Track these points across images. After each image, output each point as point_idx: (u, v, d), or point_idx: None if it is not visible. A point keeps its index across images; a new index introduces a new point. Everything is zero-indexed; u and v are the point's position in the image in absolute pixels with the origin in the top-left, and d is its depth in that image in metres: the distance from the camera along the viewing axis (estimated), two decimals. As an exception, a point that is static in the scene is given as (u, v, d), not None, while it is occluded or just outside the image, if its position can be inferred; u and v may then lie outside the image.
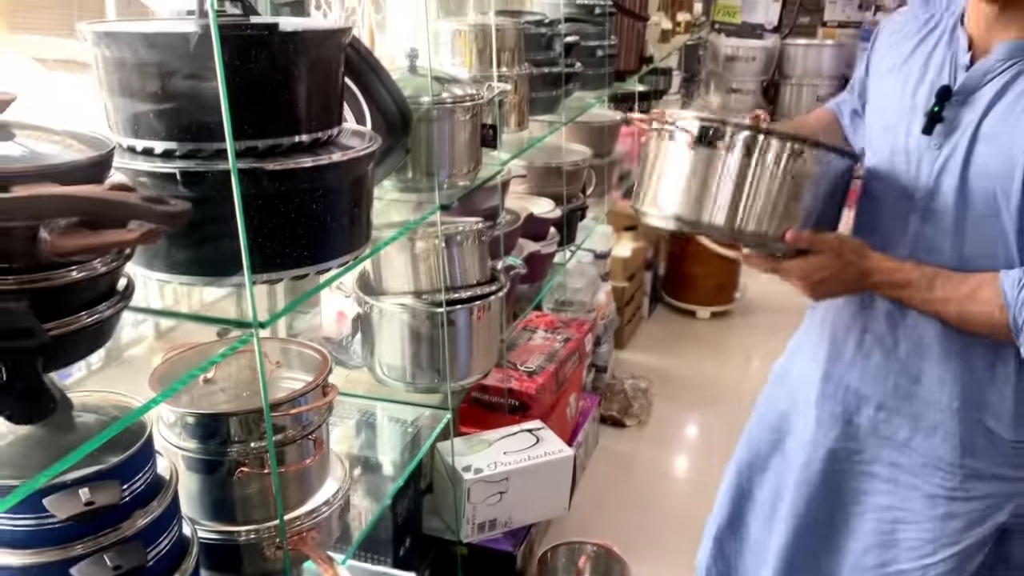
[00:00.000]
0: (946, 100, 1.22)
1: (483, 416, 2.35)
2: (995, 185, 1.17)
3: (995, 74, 1.18)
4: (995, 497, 1.30)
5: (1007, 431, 1.27)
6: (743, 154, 1.23)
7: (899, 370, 1.35)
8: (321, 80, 1.28)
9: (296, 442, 1.36)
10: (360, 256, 1.42)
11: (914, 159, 1.27)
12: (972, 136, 1.20)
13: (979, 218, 1.20)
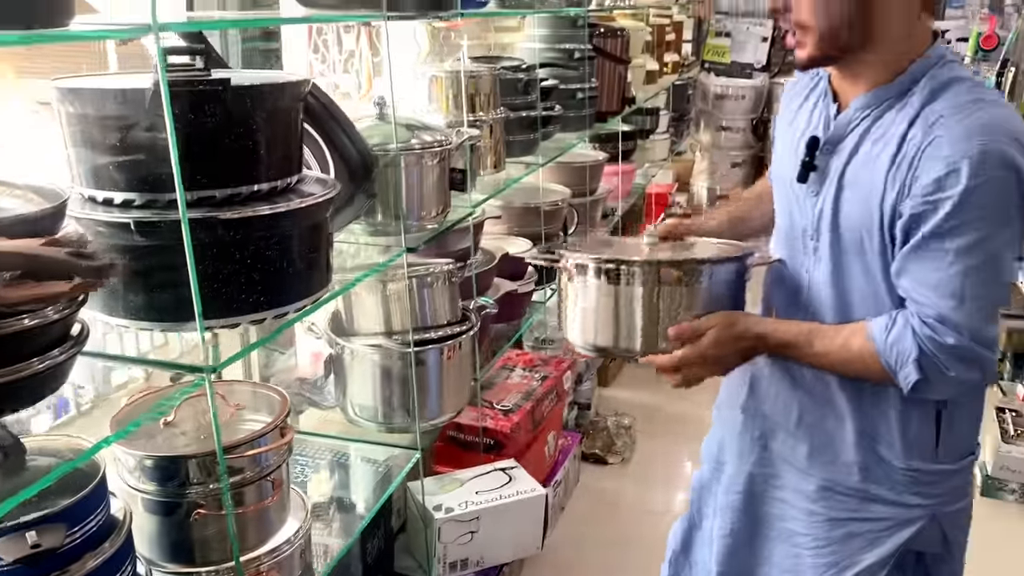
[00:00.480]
0: (816, 150, 1.29)
1: (458, 455, 2.36)
2: (860, 228, 1.24)
3: (855, 124, 1.26)
4: (894, 519, 1.34)
5: (898, 459, 1.32)
6: (639, 284, 1.33)
7: (804, 400, 1.40)
8: (277, 131, 1.33)
9: (254, 483, 1.38)
10: (319, 300, 1.45)
11: (798, 206, 1.36)
12: (838, 183, 1.27)
13: (852, 258, 1.27)
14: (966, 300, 1.14)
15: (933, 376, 1.18)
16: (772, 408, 1.46)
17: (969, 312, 1.15)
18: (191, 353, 1.44)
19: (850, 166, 1.26)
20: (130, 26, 1.06)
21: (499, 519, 2.04)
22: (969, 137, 1.11)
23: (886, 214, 1.20)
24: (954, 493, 1.35)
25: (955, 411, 1.31)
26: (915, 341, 1.17)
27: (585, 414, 3.32)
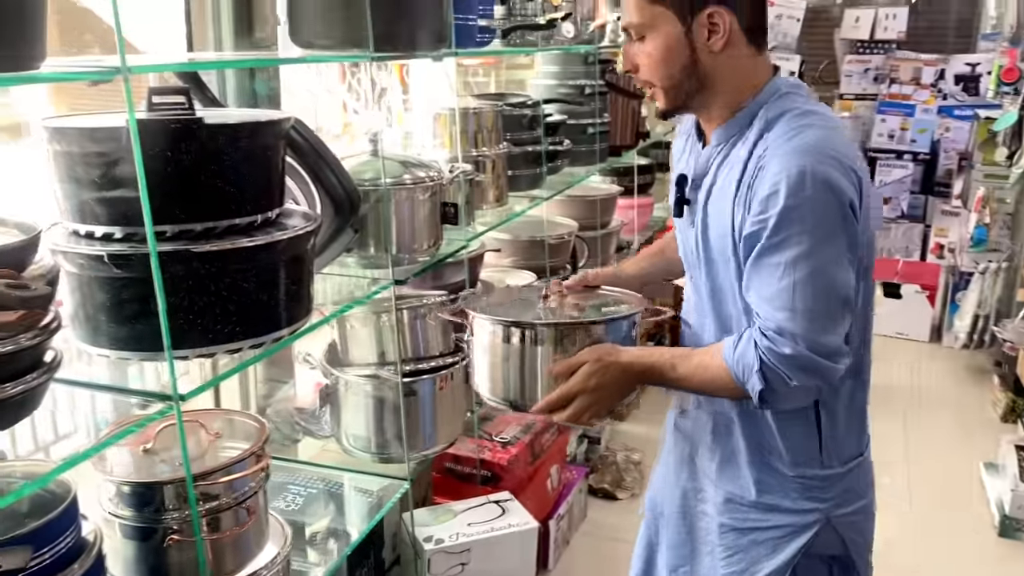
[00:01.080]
0: (686, 186, 1.40)
1: (456, 486, 2.37)
2: (723, 253, 1.33)
3: (713, 158, 1.35)
4: (792, 526, 1.38)
5: (787, 467, 1.37)
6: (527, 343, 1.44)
7: (713, 418, 1.45)
8: (254, 167, 1.37)
9: (229, 509, 1.41)
10: (298, 330, 1.49)
11: (682, 238, 1.47)
12: (704, 214, 1.36)
13: (723, 283, 1.36)
14: (798, 311, 1.20)
15: (777, 385, 1.23)
16: (694, 424, 1.51)
17: (802, 322, 1.20)
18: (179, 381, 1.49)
19: (711, 197, 1.34)
20: (101, 68, 1.11)
21: (490, 551, 2.04)
22: (790, 159, 1.20)
23: (736, 238, 1.28)
24: (846, 496, 1.39)
25: (834, 416, 1.36)
26: (757, 353, 1.23)
27: (595, 448, 3.31)
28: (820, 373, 1.22)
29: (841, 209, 1.20)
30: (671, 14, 1.27)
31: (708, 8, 1.26)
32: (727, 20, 1.27)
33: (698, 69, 1.29)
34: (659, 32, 1.29)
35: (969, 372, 4.35)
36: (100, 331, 1.33)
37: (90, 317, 1.32)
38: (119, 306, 1.30)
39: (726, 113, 1.33)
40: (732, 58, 1.30)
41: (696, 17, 1.27)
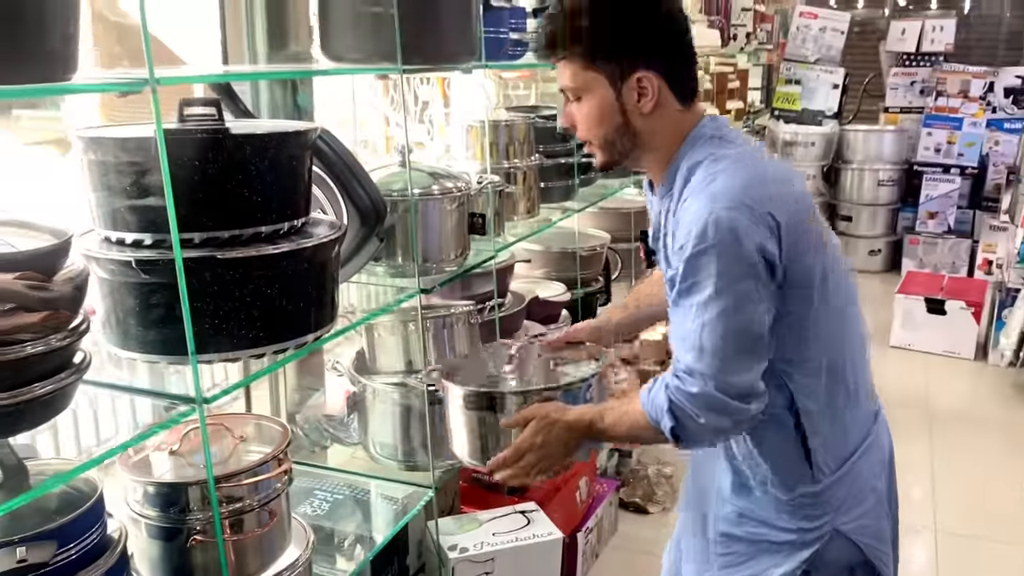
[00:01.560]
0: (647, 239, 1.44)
1: (483, 496, 2.38)
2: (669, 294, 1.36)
3: (661, 211, 1.40)
4: (792, 543, 1.38)
5: (779, 492, 1.38)
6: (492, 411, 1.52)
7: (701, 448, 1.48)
8: (279, 177, 1.40)
9: (251, 512, 1.44)
10: (321, 337, 1.52)
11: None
12: (666, 259, 1.40)
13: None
14: (706, 351, 1.24)
15: (687, 423, 1.27)
16: (692, 453, 1.56)
17: (710, 362, 1.24)
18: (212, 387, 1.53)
19: (667, 247, 1.39)
20: (129, 80, 1.15)
21: (515, 561, 2.04)
22: (699, 208, 1.24)
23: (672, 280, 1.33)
24: (845, 503, 1.37)
25: (814, 420, 1.34)
26: (667, 394, 1.28)
27: (626, 462, 3.29)
28: (728, 412, 1.26)
29: (748, 255, 1.22)
30: (603, 79, 1.32)
31: (637, 73, 1.30)
32: (655, 83, 1.31)
33: (630, 129, 1.34)
34: (593, 95, 1.34)
35: (1016, 391, 4.24)
36: (129, 335, 1.37)
37: (120, 321, 1.37)
38: (147, 311, 1.34)
39: (662, 167, 1.38)
40: (663, 117, 1.34)
41: (626, 81, 1.31)
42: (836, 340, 1.36)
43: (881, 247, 6.25)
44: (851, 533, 1.37)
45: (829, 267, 1.32)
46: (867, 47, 7.24)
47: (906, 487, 3.26)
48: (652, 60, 1.31)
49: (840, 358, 1.37)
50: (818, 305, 1.30)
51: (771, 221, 1.23)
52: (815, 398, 1.34)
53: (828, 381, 1.34)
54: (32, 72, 1.03)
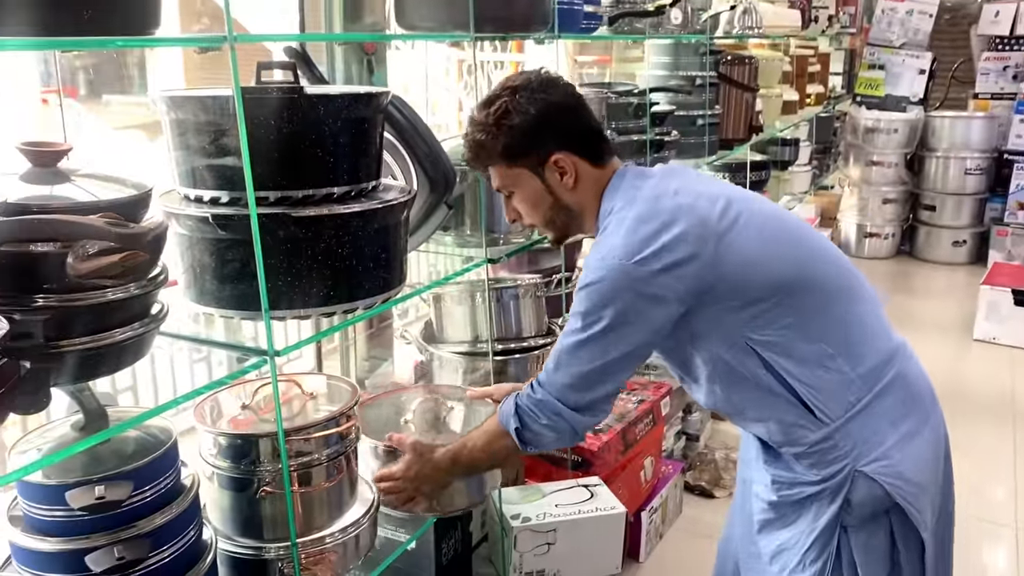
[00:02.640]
0: None
1: (548, 470, 2.38)
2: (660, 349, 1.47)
3: None
4: (818, 493, 1.41)
5: (798, 446, 1.41)
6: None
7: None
8: (351, 139, 1.43)
9: (317, 466, 1.47)
10: (390, 299, 1.54)
11: None
12: None
13: (685, 378, 1.50)
14: (560, 367, 1.40)
15: (529, 422, 1.43)
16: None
17: (559, 376, 1.40)
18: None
19: None
20: (209, 37, 1.18)
21: (576, 533, 2.04)
22: (595, 255, 1.37)
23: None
24: (864, 446, 1.38)
25: (800, 378, 1.36)
26: (515, 400, 1.46)
27: (693, 445, 3.25)
28: (564, 419, 1.41)
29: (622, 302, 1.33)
30: (526, 171, 1.46)
31: (552, 157, 1.43)
32: (571, 159, 1.44)
33: (562, 205, 1.48)
34: (523, 188, 1.48)
35: (1108, 388, 4.05)
36: (205, 290, 1.41)
37: (197, 277, 1.41)
38: (223, 266, 1.38)
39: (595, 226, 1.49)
40: (586, 186, 1.46)
41: (545, 167, 1.45)
42: (803, 307, 1.37)
43: (966, 238, 6.02)
44: (873, 473, 1.37)
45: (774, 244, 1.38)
46: (956, 31, 6.96)
47: (989, 484, 3.16)
48: (560, 142, 1.44)
49: (811, 320, 1.38)
50: (769, 290, 1.35)
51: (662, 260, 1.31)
52: (788, 356, 1.36)
53: (801, 339, 1.36)
54: (114, 24, 1.07)
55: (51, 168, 1.18)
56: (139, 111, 6.38)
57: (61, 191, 1.17)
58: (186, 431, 1.47)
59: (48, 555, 1.18)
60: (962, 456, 1.68)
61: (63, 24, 1.03)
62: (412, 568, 1.95)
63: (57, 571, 1.19)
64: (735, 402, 1.44)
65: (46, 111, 4.24)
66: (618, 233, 1.35)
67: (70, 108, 3.93)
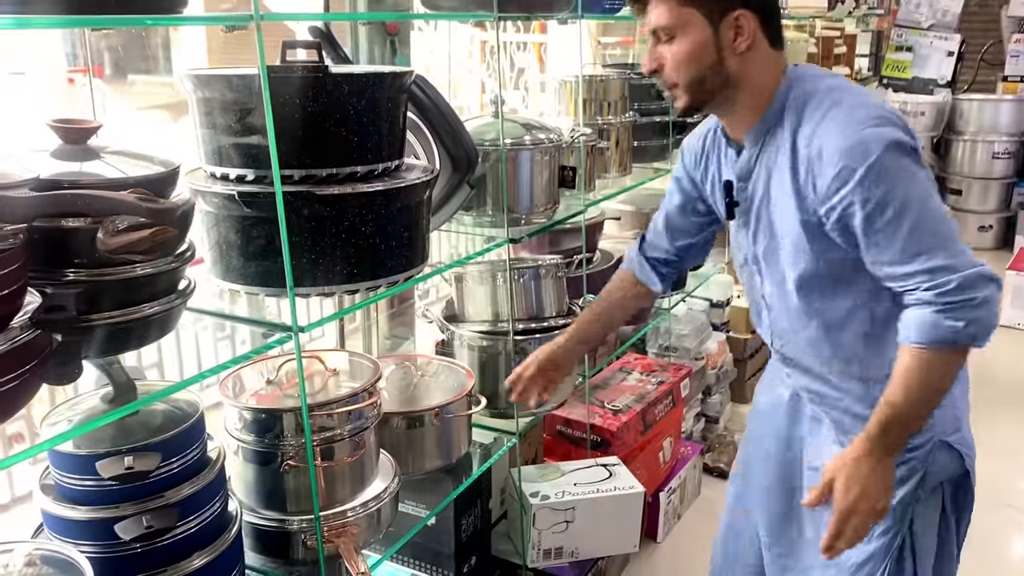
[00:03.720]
0: (732, 190, 1.47)
1: (567, 449, 2.40)
2: (785, 242, 1.38)
3: (753, 158, 1.40)
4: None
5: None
6: None
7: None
8: (376, 118, 1.44)
9: (340, 441, 1.49)
10: (412, 277, 1.56)
11: (738, 240, 1.53)
12: (758, 210, 1.43)
13: (787, 270, 1.41)
14: (923, 251, 1.24)
15: (973, 312, 1.22)
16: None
17: (941, 254, 1.23)
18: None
19: (763, 194, 1.40)
20: (235, 15, 1.20)
21: (595, 512, 2.06)
22: (841, 133, 1.26)
23: (802, 222, 1.34)
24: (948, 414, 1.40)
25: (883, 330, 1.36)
26: (932, 309, 1.24)
27: (713, 427, 3.26)
28: (985, 278, 1.23)
29: (907, 153, 1.25)
30: (700, 16, 1.32)
31: (735, 11, 1.31)
32: (752, 23, 1.32)
33: (723, 69, 1.34)
34: (688, 33, 1.33)
35: None
36: (231, 267, 1.43)
37: (223, 254, 1.43)
38: (248, 243, 1.40)
39: (754, 112, 1.38)
40: (754, 59, 1.35)
41: (723, 20, 1.31)
42: None
43: (992, 223, 5.95)
44: (955, 443, 1.41)
45: None
46: (986, 13, 6.85)
47: (1015, 472, 3.13)
48: (748, 1, 1.31)
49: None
50: None
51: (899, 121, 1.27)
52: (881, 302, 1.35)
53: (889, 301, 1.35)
54: (139, 3, 1.08)
55: (81, 145, 1.20)
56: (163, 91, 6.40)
57: (90, 168, 1.19)
58: (211, 406, 1.50)
59: (79, 523, 1.22)
60: (987, 442, 1.68)
61: (90, 3, 1.05)
62: (432, 543, 1.98)
63: (87, 539, 1.22)
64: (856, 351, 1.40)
65: (72, 90, 4.28)
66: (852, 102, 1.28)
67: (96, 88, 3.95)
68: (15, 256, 0.95)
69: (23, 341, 0.95)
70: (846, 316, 1.39)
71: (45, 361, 0.99)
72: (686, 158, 1.61)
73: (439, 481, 1.87)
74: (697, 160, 1.58)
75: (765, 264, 1.45)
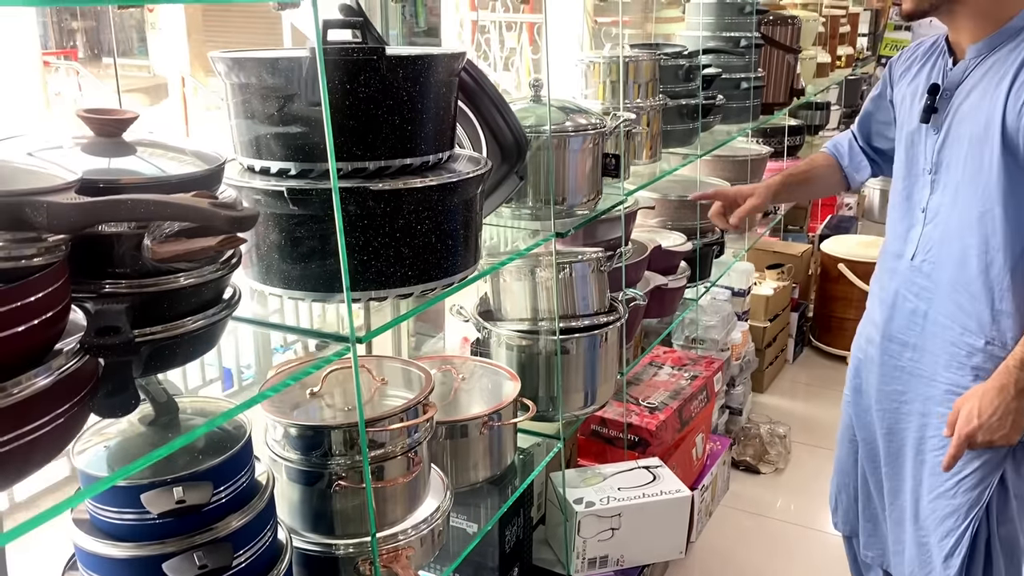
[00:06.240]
0: (936, 95, 1.56)
1: (602, 449, 2.30)
2: (981, 152, 1.48)
3: (971, 69, 1.52)
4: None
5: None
6: None
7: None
8: (430, 105, 1.31)
9: (394, 458, 1.37)
10: (467, 278, 1.43)
11: (921, 147, 1.62)
12: (953, 119, 1.53)
13: (969, 181, 1.51)
14: None
15: None
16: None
17: None
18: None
19: (967, 102, 1.51)
20: (288, -8, 1.06)
21: (642, 518, 1.96)
22: None
23: (1009, 137, 1.44)
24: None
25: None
26: None
27: (736, 419, 3.17)
28: None
29: None
30: None
31: None
32: None
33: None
34: None
35: None
36: (272, 270, 1.30)
37: (263, 256, 1.30)
38: (293, 244, 1.27)
39: (984, 26, 1.48)
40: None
41: None
42: None
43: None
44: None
45: None
46: (984, -10, 6.77)
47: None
48: None
49: None
50: None
51: None
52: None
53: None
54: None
55: (116, 139, 1.07)
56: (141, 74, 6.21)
57: (126, 164, 1.06)
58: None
59: (120, 561, 1.09)
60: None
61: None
62: (476, 555, 1.87)
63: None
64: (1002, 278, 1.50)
65: (47, 73, 4.05)
66: None
67: (72, 69, 3.79)
68: (58, 272, 0.82)
69: (70, 371, 0.82)
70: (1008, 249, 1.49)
71: (95, 390, 0.86)
72: (894, 70, 1.75)
73: (484, 492, 1.75)
74: (913, 64, 1.68)
75: (942, 174, 1.56)
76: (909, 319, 1.67)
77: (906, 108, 1.66)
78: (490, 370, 1.85)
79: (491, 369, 1.85)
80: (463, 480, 1.68)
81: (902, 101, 1.68)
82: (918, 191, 1.62)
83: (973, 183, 1.50)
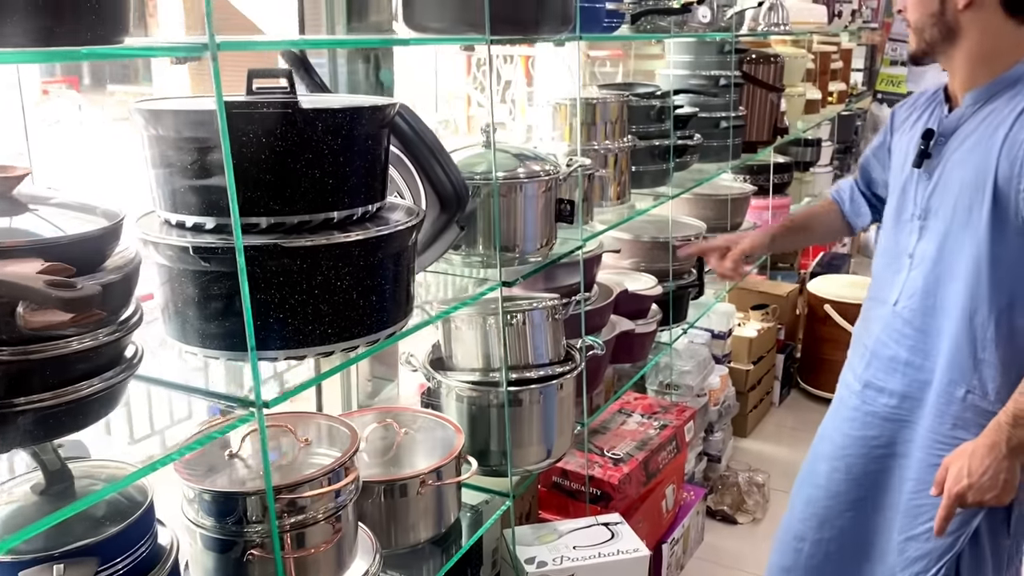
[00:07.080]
0: (930, 140, 1.55)
1: (563, 503, 2.23)
2: (970, 202, 1.46)
3: (966, 117, 1.51)
4: None
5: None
6: None
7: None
8: (354, 157, 1.26)
9: (315, 524, 1.31)
10: (396, 333, 1.38)
11: (910, 193, 1.61)
12: (945, 167, 1.52)
13: (958, 231, 1.49)
14: None
15: None
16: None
17: None
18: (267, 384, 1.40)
19: (960, 151, 1.50)
20: (187, 45, 1.02)
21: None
22: None
23: (1000, 188, 1.42)
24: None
25: None
26: None
27: (715, 466, 3.09)
28: None
29: None
30: None
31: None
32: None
33: (943, 20, 1.46)
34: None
35: None
36: (187, 327, 1.25)
37: (178, 312, 1.25)
38: (206, 302, 1.22)
39: (980, 73, 1.47)
40: (979, 20, 1.44)
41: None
42: None
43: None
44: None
45: None
46: (981, 26, 6.74)
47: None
48: None
49: None
50: None
51: None
52: None
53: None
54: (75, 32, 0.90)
55: (6, 196, 1.02)
56: (143, 103, 6.09)
57: (19, 223, 1.02)
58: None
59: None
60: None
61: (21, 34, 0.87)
62: (418, 619, 1.80)
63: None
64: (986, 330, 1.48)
65: (45, 102, 4.04)
66: None
67: (71, 99, 3.74)
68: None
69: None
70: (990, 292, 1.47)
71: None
72: (896, 119, 1.74)
73: (426, 552, 1.68)
74: (913, 112, 1.67)
75: (931, 220, 1.54)
76: (888, 365, 1.64)
77: (901, 155, 1.66)
78: (436, 423, 1.79)
79: (437, 422, 1.79)
80: (403, 541, 1.62)
81: (899, 149, 1.68)
82: (905, 236, 1.61)
83: (961, 231, 1.49)
